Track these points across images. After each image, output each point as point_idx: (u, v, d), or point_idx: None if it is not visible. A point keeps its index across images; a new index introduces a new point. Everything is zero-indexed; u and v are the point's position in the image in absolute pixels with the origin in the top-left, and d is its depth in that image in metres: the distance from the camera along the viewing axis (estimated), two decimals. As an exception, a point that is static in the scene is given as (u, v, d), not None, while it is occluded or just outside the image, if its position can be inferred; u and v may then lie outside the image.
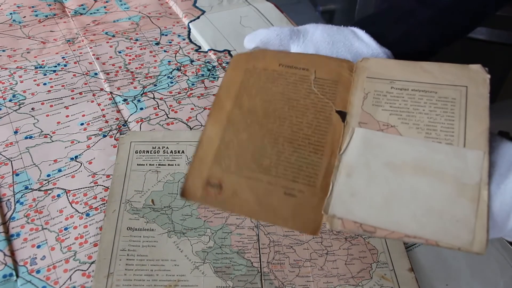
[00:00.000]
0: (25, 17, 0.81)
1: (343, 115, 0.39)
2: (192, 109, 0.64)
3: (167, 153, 0.57)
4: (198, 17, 0.82)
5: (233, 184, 0.36)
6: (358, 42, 0.45)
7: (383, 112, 0.38)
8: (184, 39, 0.78)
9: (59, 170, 0.55)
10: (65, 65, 0.70)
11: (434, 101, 0.37)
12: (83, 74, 0.69)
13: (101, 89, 0.67)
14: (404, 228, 0.33)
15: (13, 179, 0.53)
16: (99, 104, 0.64)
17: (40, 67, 0.69)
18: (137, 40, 0.77)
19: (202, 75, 0.70)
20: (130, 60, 0.72)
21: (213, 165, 0.36)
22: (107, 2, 0.87)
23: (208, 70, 0.71)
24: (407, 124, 0.37)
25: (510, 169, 0.33)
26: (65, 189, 0.53)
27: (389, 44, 0.46)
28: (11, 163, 0.55)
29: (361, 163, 0.36)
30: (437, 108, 0.37)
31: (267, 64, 0.42)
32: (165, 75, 0.70)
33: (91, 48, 0.74)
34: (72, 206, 0.51)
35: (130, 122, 0.61)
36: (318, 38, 0.45)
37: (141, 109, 0.63)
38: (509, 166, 0.33)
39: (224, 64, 0.72)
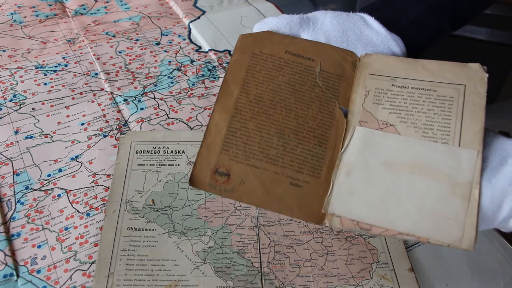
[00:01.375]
0: (25, 17, 0.81)
1: (344, 112, 0.39)
2: (192, 109, 0.64)
3: (167, 153, 0.57)
4: (199, 17, 0.83)
5: (241, 173, 0.36)
6: (368, 30, 0.45)
7: (383, 110, 0.38)
8: (184, 39, 0.78)
9: (60, 170, 0.55)
10: (65, 65, 0.70)
11: (433, 100, 0.38)
12: (84, 74, 0.69)
13: (102, 89, 0.67)
14: (398, 226, 0.34)
15: (13, 179, 0.53)
16: (99, 104, 0.64)
17: (41, 67, 0.69)
18: (137, 40, 0.77)
19: (203, 75, 0.70)
20: (130, 60, 0.72)
21: (221, 153, 0.37)
22: (107, 2, 0.87)
23: (209, 70, 0.71)
24: (406, 123, 0.37)
25: (501, 164, 0.34)
26: (65, 189, 0.53)
27: (399, 30, 0.46)
28: (12, 163, 0.55)
29: (360, 163, 0.36)
30: (435, 107, 0.38)
31: (273, 50, 0.42)
32: (165, 75, 0.70)
33: (91, 48, 0.74)
34: (72, 206, 0.51)
35: (130, 122, 0.62)
36: (328, 26, 0.45)
37: (142, 109, 0.64)
38: (500, 161, 0.34)
39: (224, 64, 0.72)
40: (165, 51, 0.75)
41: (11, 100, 0.63)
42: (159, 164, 0.55)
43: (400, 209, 0.34)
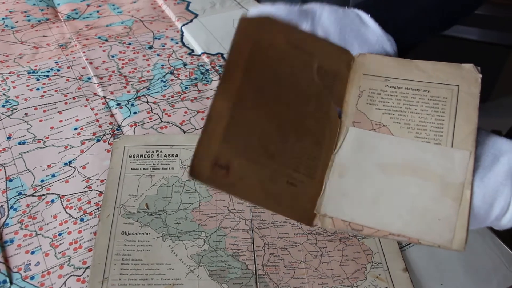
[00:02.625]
0: (17, 22, 0.80)
1: (338, 113, 0.39)
2: (185, 112, 0.64)
3: (161, 157, 0.57)
4: (191, 21, 0.83)
5: (241, 167, 0.35)
6: (364, 28, 0.45)
7: (376, 111, 0.39)
8: (177, 43, 0.78)
9: (53, 176, 0.55)
10: (58, 70, 0.70)
11: (426, 100, 0.38)
12: (76, 79, 0.69)
13: (95, 94, 0.66)
14: (389, 226, 0.34)
15: (6, 185, 0.53)
16: (92, 109, 0.64)
17: (33, 72, 0.69)
18: (130, 44, 0.77)
19: (195, 78, 0.70)
20: (123, 64, 0.72)
21: (221, 144, 0.34)
22: (100, 6, 0.87)
23: (201, 73, 0.71)
24: (399, 123, 0.38)
25: (493, 163, 0.34)
26: (59, 194, 0.53)
27: (392, 30, 0.45)
28: (4, 169, 0.55)
29: (353, 164, 0.37)
30: (429, 108, 0.38)
31: (275, 39, 0.39)
32: (158, 79, 0.70)
33: (84, 52, 0.74)
34: (66, 211, 0.51)
35: (123, 126, 0.61)
36: (326, 22, 0.44)
37: (135, 113, 0.63)
38: (492, 160, 0.34)
39: (217, 67, 0.72)
40: (158, 54, 0.75)
41: (3, 106, 0.63)
42: (153, 168, 0.55)
43: (391, 210, 0.34)
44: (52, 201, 0.52)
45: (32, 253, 0.47)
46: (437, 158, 0.35)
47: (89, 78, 0.69)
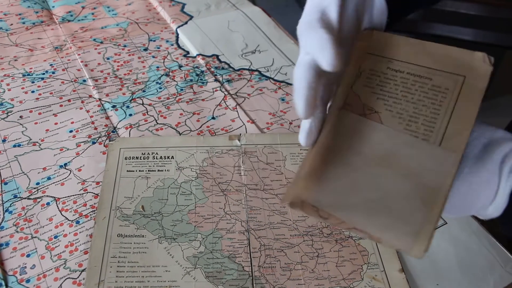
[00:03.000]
0: (12, 24, 0.80)
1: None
2: (181, 114, 0.64)
3: (156, 159, 0.56)
4: (186, 22, 0.83)
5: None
6: (372, 2, 0.40)
7: (371, 95, 0.36)
8: (172, 45, 0.78)
9: (48, 178, 0.54)
10: (53, 72, 0.70)
11: (426, 89, 0.35)
12: (72, 81, 0.69)
13: (90, 96, 0.66)
14: (355, 220, 0.32)
15: (1, 188, 0.53)
16: (88, 111, 0.64)
17: (28, 74, 0.69)
18: (125, 46, 0.77)
19: (191, 80, 0.70)
20: (118, 66, 0.72)
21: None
22: (95, 8, 0.87)
23: (197, 75, 0.71)
24: (391, 112, 0.35)
25: (482, 152, 0.33)
26: (54, 197, 0.52)
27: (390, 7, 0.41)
28: (0, 172, 0.55)
29: (333, 149, 0.35)
30: (426, 98, 0.35)
31: None
32: (153, 80, 0.70)
33: (79, 55, 0.74)
34: (62, 214, 0.51)
35: (119, 128, 0.61)
36: None
37: (130, 115, 0.63)
38: (481, 149, 0.33)
39: (212, 69, 0.72)
40: (153, 56, 0.75)
41: (-2, 109, 0.63)
42: (148, 170, 0.55)
43: (361, 203, 0.32)
44: (48, 203, 0.52)
45: (28, 256, 0.47)
46: (420, 156, 0.33)
47: (84, 81, 0.69)
